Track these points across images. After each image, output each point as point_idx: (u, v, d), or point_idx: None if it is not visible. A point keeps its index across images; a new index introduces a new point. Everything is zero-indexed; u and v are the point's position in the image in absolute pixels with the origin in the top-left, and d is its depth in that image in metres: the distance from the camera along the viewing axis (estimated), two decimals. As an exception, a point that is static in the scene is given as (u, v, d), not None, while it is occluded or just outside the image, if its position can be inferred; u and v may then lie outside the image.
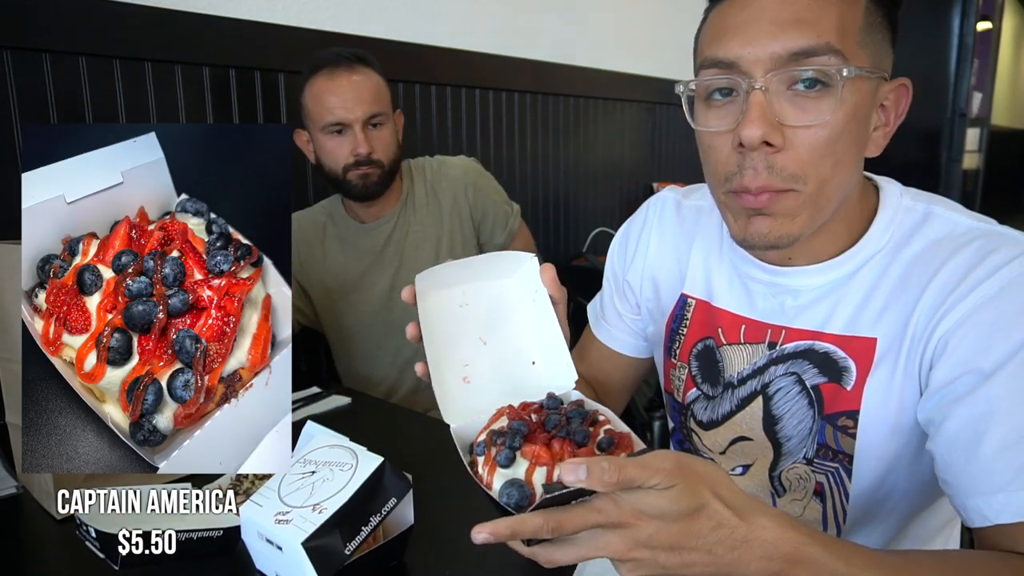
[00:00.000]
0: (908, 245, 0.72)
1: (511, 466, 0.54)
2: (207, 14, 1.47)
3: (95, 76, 1.33)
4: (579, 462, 0.47)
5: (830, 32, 0.64)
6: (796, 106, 0.65)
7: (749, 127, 0.64)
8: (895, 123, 0.72)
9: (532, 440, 0.55)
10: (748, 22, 0.66)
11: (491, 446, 0.56)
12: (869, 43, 0.67)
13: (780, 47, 0.64)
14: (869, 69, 0.66)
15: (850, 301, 0.74)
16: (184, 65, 1.45)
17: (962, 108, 4.08)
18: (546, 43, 2.32)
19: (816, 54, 0.64)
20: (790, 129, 0.65)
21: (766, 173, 0.66)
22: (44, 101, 1.27)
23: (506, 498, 0.51)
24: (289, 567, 0.65)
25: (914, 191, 0.77)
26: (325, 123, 1.42)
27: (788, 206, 0.68)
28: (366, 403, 1.36)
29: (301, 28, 1.64)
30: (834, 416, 0.75)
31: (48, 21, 1.26)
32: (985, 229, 0.70)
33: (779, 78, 0.65)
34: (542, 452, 0.54)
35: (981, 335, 0.64)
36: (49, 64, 1.27)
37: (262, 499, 0.68)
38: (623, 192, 2.79)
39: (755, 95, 0.65)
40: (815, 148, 0.66)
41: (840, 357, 0.74)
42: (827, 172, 0.67)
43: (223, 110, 1.54)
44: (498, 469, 0.54)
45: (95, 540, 0.67)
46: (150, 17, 1.38)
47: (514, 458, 0.54)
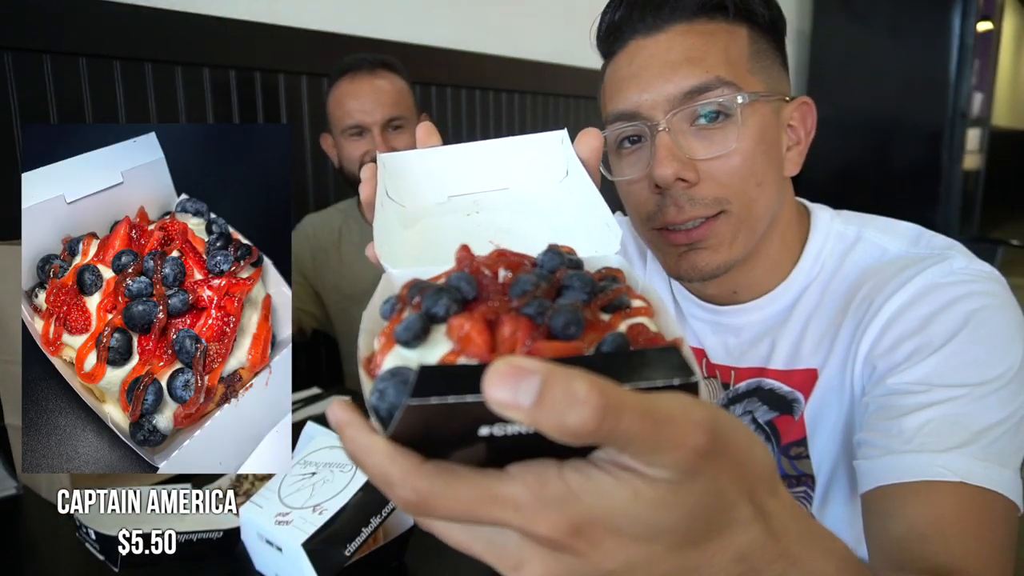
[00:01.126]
0: (839, 274, 0.73)
1: (420, 345, 0.29)
2: (207, 14, 1.47)
3: (95, 77, 1.33)
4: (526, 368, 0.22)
5: (718, 66, 0.66)
6: (702, 140, 0.67)
7: (661, 167, 0.66)
8: (807, 140, 0.74)
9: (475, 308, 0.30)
10: (640, 70, 0.68)
11: (404, 307, 0.32)
12: (759, 69, 0.69)
13: (673, 88, 0.66)
14: (765, 92, 0.68)
15: (788, 336, 0.75)
16: (184, 66, 1.45)
17: (963, 109, 4.07)
18: (546, 43, 2.32)
19: (709, 89, 0.66)
20: (702, 163, 0.67)
21: (688, 206, 0.68)
22: (44, 101, 1.27)
23: (376, 398, 0.27)
24: (289, 568, 0.65)
25: (846, 214, 0.77)
26: (345, 126, 1.44)
27: (721, 232, 0.69)
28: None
29: (301, 29, 1.64)
30: (788, 447, 0.76)
31: (48, 21, 1.26)
32: (911, 255, 0.70)
33: (679, 116, 0.67)
34: (476, 333, 0.28)
35: (901, 340, 0.65)
36: (49, 64, 1.26)
37: (262, 500, 0.68)
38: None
39: (660, 136, 0.67)
40: (732, 173, 0.67)
41: (786, 391, 0.75)
42: (752, 192, 0.68)
43: (223, 111, 1.54)
44: (395, 346, 0.30)
45: (95, 542, 0.67)
46: (150, 17, 1.38)
47: (427, 332, 0.29)
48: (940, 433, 0.59)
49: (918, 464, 0.58)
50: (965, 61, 4.06)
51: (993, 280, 0.66)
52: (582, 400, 0.22)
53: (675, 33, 0.67)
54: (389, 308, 0.33)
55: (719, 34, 0.67)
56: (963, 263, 0.67)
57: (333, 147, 1.51)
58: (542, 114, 2.37)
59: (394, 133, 1.45)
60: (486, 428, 0.25)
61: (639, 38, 0.69)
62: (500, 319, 0.28)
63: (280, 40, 1.61)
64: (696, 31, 0.67)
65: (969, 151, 4.29)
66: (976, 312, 0.63)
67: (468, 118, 2.11)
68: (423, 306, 0.30)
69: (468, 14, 2.07)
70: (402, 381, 0.27)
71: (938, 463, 0.57)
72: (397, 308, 0.32)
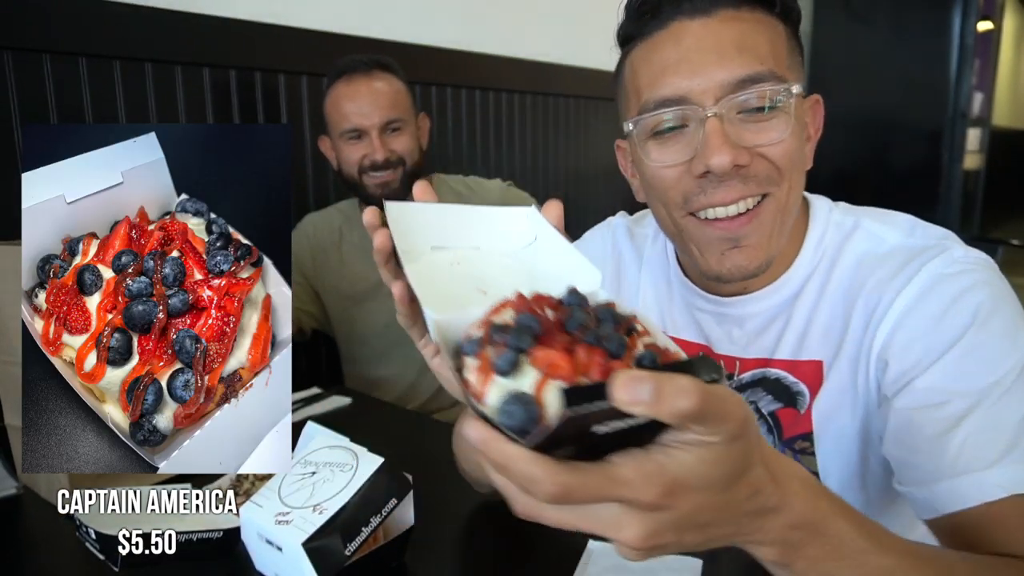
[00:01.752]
0: (839, 263, 0.73)
1: (515, 374, 0.37)
2: (207, 14, 1.47)
3: (95, 76, 1.33)
4: (640, 376, 0.32)
5: (768, 57, 0.66)
6: (751, 129, 0.67)
7: (718, 155, 0.65)
8: (816, 137, 0.74)
9: (546, 343, 0.38)
10: (688, 54, 0.67)
11: (488, 344, 0.39)
12: (794, 64, 0.69)
13: (727, 75, 0.65)
14: (800, 88, 0.68)
15: (794, 326, 0.75)
16: (184, 65, 1.45)
17: (963, 108, 4.07)
18: (546, 43, 2.32)
19: (762, 80, 0.65)
20: (751, 149, 0.67)
21: (741, 185, 0.67)
22: (44, 101, 1.27)
23: (507, 418, 0.35)
24: (289, 568, 0.65)
25: (844, 206, 0.78)
26: (342, 129, 1.43)
27: (764, 221, 0.68)
28: (367, 404, 1.36)
29: (301, 28, 1.64)
30: (792, 440, 0.77)
31: (48, 21, 1.26)
32: (907, 245, 0.71)
33: (730, 104, 0.66)
34: (561, 360, 0.36)
35: (914, 339, 0.66)
36: (49, 64, 1.27)
37: (262, 500, 0.68)
38: (623, 192, 2.79)
39: (711, 123, 0.66)
40: (783, 157, 0.67)
41: (791, 382, 0.75)
42: (796, 179, 0.69)
43: (223, 110, 1.54)
44: (494, 377, 0.37)
45: (95, 542, 0.67)
46: (150, 17, 1.38)
47: (518, 363, 0.37)
48: (981, 446, 0.61)
49: (971, 488, 0.61)
50: (965, 61, 4.06)
51: (990, 268, 0.68)
52: (688, 391, 0.32)
53: (724, 18, 0.66)
54: (475, 346, 0.39)
55: (764, 25, 0.67)
56: (962, 252, 0.68)
57: (331, 149, 1.50)
58: (542, 114, 2.37)
59: (392, 135, 1.45)
60: (599, 427, 0.34)
61: (683, 19, 0.67)
62: (574, 348, 0.37)
63: (280, 40, 1.61)
64: (744, 19, 0.66)
65: (969, 151, 4.30)
66: (982, 304, 0.64)
67: (468, 118, 2.11)
68: (509, 343, 0.37)
69: (468, 14, 2.07)
70: (524, 403, 0.35)
71: (990, 482, 0.60)
72: (481, 343, 0.39)
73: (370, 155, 1.42)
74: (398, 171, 1.45)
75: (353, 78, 1.42)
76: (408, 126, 1.47)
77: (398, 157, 1.44)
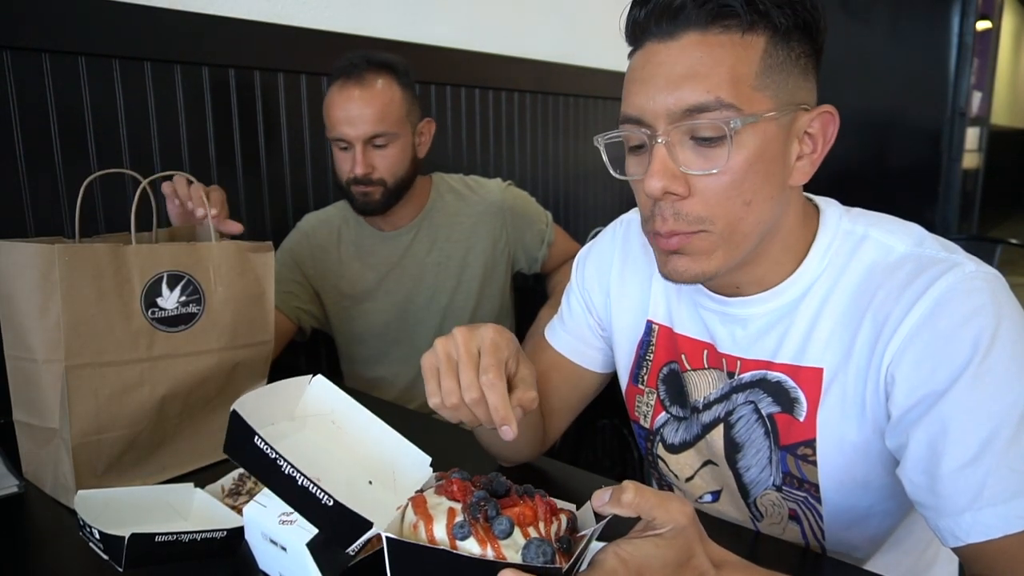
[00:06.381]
0: (847, 272, 0.73)
1: (513, 533, 0.53)
2: (207, 14, 1.47)
3: (95, 76, 1.32)
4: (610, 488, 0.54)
5: (720, 86, 0.65)
6: (698, 154, 0.68)
7: (650, 180, 0.67)
8: (823, 149, 0.72)
9: (504, 504, 0.55)
10: (648, 77, 0.68)
11: (474, 522, 0.54)
12: (769, 84, 0.67)
13: (674, 102, 0.66)
14: (770, 109, 0.67)
15: (797, 331, 0.75)
16: (183, 65, 1.45)
17: (962, 107, 4.08)
18: (546, 43, 2.32)
19: (708, 109, 0.65)
20: (694, 176, 0.68)
21: (672, 219, 0.69)
22: (44, 101, 1.27)
23: (542, 557, 0.51)
24: (293, 568, 0.65)
25: (856, 212, 0.77)
26: (332, 136, 1.43)
27: (699, 246, 0.70)
28: (366, 402, 1.36)
29: (301, 28, 1.64)
30: (793, 446, 0.76)
31: (48, 21, 1.26)
32: (916, 254, 0.70)
33: (679, 130, 0.67)
34: (526, 511, 0.54)
35: (924, 358, 0.66)
36: (49, 64, 1.26)
37: (266, 499, 0.68)
38: (623, 192, 2.79)
39: (657, 149, 0.68)
40: (719, 192, 0.68)
41: (791, 387, 0.75)
42: (737, 212, 0.69)
43: (223, 110, 1.54)
44: (496, 540, 0.52)
45: (99, 541, 0.67)
46: (150, 17, 1.38)
47: (510, 526, 0.53)
48: (1004, 478, 0.62)
49: (996, 519, 0.62)
50: (964, 60, 4.07)
51: (1000, 283, 0.67)
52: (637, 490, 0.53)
53: (686, 43, 0.66)
54: (465, 530, 0.53)
55: (730, 47, 0.66)
56: (973, 267, 0.67)
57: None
58: (542, 113, 2.37)
59: (376, 151, 1.41)
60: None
61: (654, 42, 0.69)
62: (521, 501, 0.57)
63: (280, 40, 1.61)
64: (708, 43, 0.66)
65: (968, 150, 4.31)
66: (995, 325, 0.64)
67: (468, 118, 2.11)
68: (489, 515, 0.54)
69: (468, 14, 2.07)
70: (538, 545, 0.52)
71: (1014, 514, 0.61)
72: (468, 523, 0.53)
73: (353, 168, 1.41)
74: (378, 188, 1.43)
75: (346, 84, 1.39)
76: (397, 139, 1.43)
77: (379, 177, 1.42)
